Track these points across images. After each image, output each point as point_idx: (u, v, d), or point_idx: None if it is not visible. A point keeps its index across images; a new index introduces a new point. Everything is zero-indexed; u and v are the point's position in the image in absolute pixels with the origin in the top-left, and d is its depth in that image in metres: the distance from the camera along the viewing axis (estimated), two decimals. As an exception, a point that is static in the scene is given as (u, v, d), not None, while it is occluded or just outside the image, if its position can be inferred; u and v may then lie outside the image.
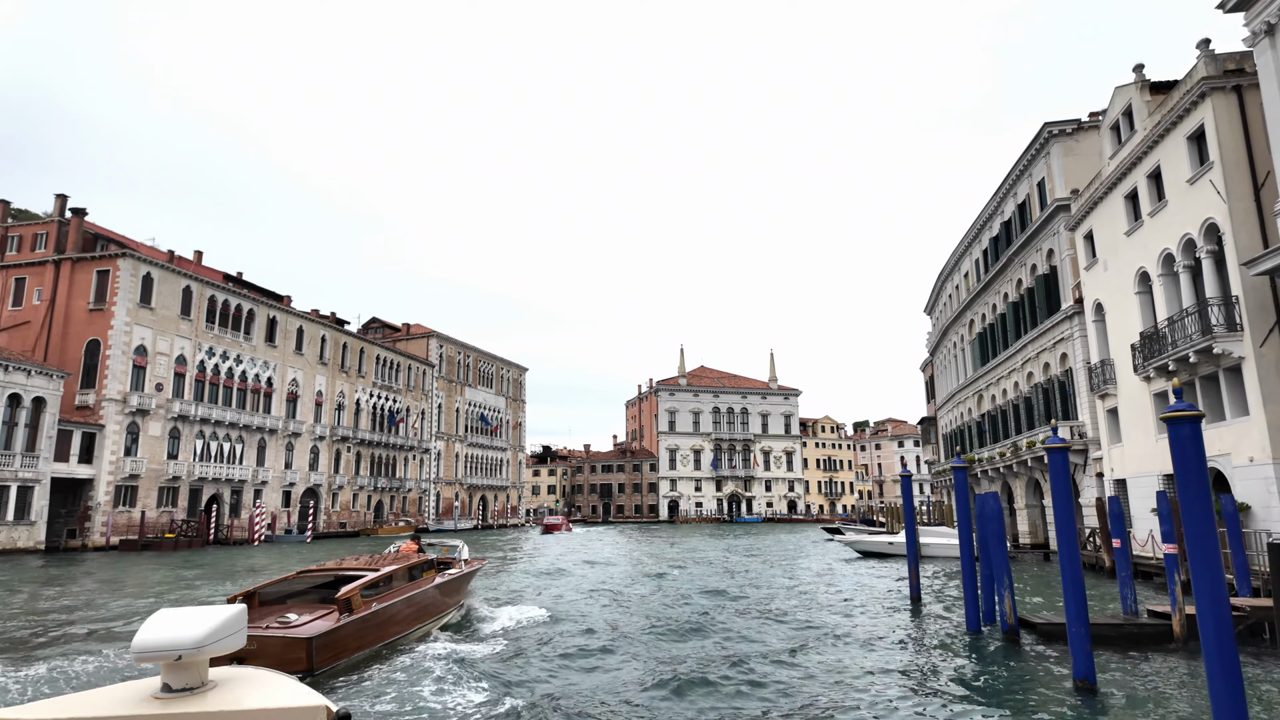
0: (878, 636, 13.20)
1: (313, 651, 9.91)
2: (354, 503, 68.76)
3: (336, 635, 10.49)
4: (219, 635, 3.50)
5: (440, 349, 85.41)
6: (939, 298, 54.92)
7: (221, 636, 3.51)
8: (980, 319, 42.81)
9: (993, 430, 41.27)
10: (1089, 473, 28.87)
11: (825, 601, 18.21)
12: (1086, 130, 30.57)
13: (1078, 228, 28.45)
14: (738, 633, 13.83)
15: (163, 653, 3.35)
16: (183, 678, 3.40)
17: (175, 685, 3.38)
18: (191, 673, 3.42)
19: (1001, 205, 38.01)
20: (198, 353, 52.89)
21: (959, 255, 46.67)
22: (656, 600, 18.86)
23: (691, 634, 13.97)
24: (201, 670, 3.47)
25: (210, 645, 3.44)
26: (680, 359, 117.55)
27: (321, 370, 65.66)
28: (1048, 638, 12.61)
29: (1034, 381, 34.60)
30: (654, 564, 31.89)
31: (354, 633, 10.97)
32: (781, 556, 36.21)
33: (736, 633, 13.82)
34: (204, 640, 3.41)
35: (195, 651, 3.38)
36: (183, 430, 51.01)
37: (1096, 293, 27.07)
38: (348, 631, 10.78)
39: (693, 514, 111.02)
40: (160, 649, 3.35)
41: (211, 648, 3.44)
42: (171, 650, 3.34)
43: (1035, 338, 33.74)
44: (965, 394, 47.08)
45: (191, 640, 3.38)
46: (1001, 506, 13.71)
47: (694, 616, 16.02)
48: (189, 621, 3.51)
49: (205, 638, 3.42)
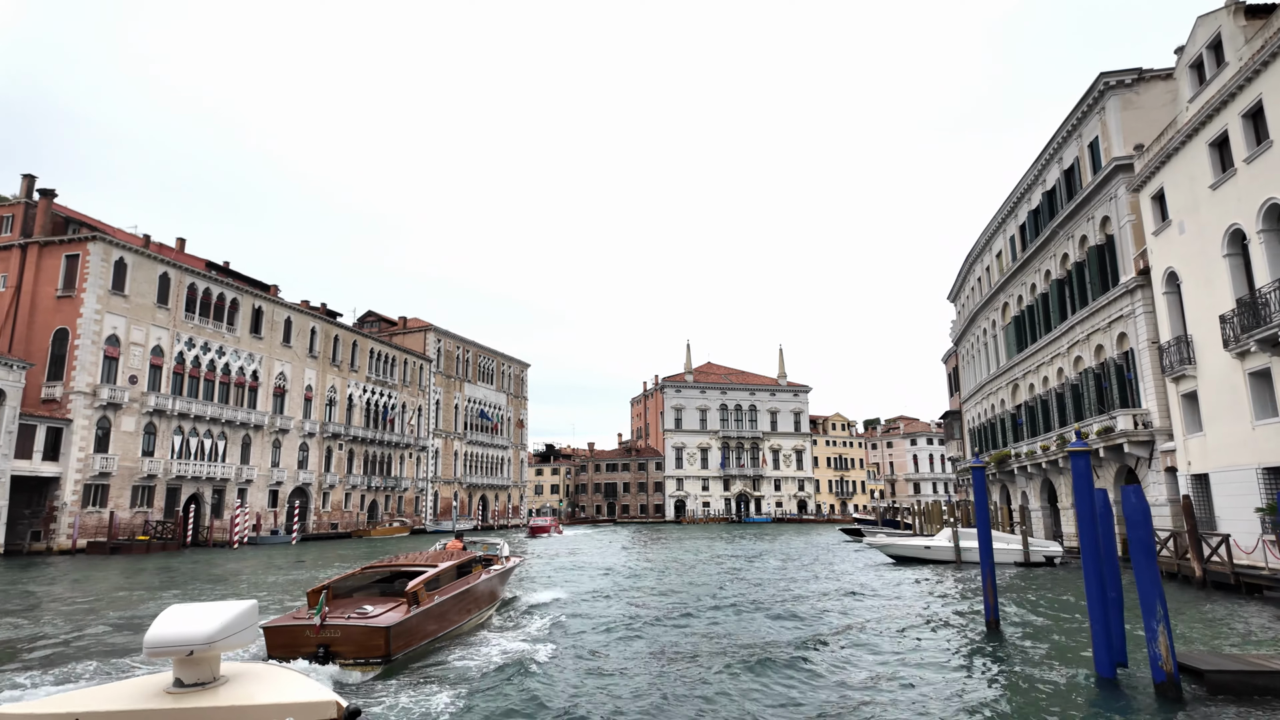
0: (970, 691, 9.58)
1: (390, 639, 10.79)
2: (346, 503, 65.60)
3: (407, 625, 11.37)
4: (230, 631, 3.64)
5: (438, 343, 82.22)
6: (965, 283, 51.44)
7: (232, 632, 3.65)
8: (1016, 301, 39.34)
9: (1031, 423, 37.82)
10: (1156, 467, 25.45)
11: (875, 623, 14.78)
12: (1150, 81, 27.14)
13: (1143, 188, 25.02)
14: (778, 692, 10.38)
15: (175, 648, 3.53)
16: (194, 673, 3.60)
17: (187, 680, 3.59)
18: (203, 668, 3.62)
19: (1043, 174, 34.55)
20: (176, 343, 49.77)
21: (990, 234, 43.19)
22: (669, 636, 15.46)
23: (723, 664, 10.67)
24: (213, 665, 3.66)
25: (221, 641, 3.60)
26: (687, 355, 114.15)
27: (311, 364, 62.51)
28: (1224, 691, 8.88)
29: (1083, 367, 31.17)
30: (657, 576, 28.53)
31: (421, 623, 11.93)
32: (807, 563, 32.83)
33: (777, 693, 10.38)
34: (215, 636, 3.58)
35: (206, 647, 3.55)
36: (159, 426, 47.89)
37: (1169, 260, 23.63)
38: (416, 622, 11.70)
39: (700, 514, 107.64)
40: (172, 644, 3.53)
41: (222, 643, 3.61)
42: (183, 646, 3.52)
43: (1085, 317, 30.31)
44: (996, 385, 43.62)
45: (203, 636, 3.56)
46: (1110, 503, 10.36)
47: (730, 647, 12.70)
48: (200, 617, 3.65)
49: (216, 633, 3.59)
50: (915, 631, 13.72)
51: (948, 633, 13.54)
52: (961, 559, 28.87)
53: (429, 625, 12.31)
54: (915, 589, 21.72)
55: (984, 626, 13.54)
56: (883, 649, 12.24)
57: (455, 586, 13.80)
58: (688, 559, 34.95)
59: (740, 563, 32.13)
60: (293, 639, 10.66)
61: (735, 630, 14.20)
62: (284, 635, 10.74)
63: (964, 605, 17.40)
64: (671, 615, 16.31)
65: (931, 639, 13.02)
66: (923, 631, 13.74)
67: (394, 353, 74.18)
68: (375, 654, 10.68)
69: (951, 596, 19.66)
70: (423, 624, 12.04)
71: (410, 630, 11.53)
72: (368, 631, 10.74)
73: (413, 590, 12.01)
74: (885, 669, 10.81)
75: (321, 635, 10.57)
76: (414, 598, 11.96)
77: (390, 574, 14.06)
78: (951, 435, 56.80)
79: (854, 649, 12.35)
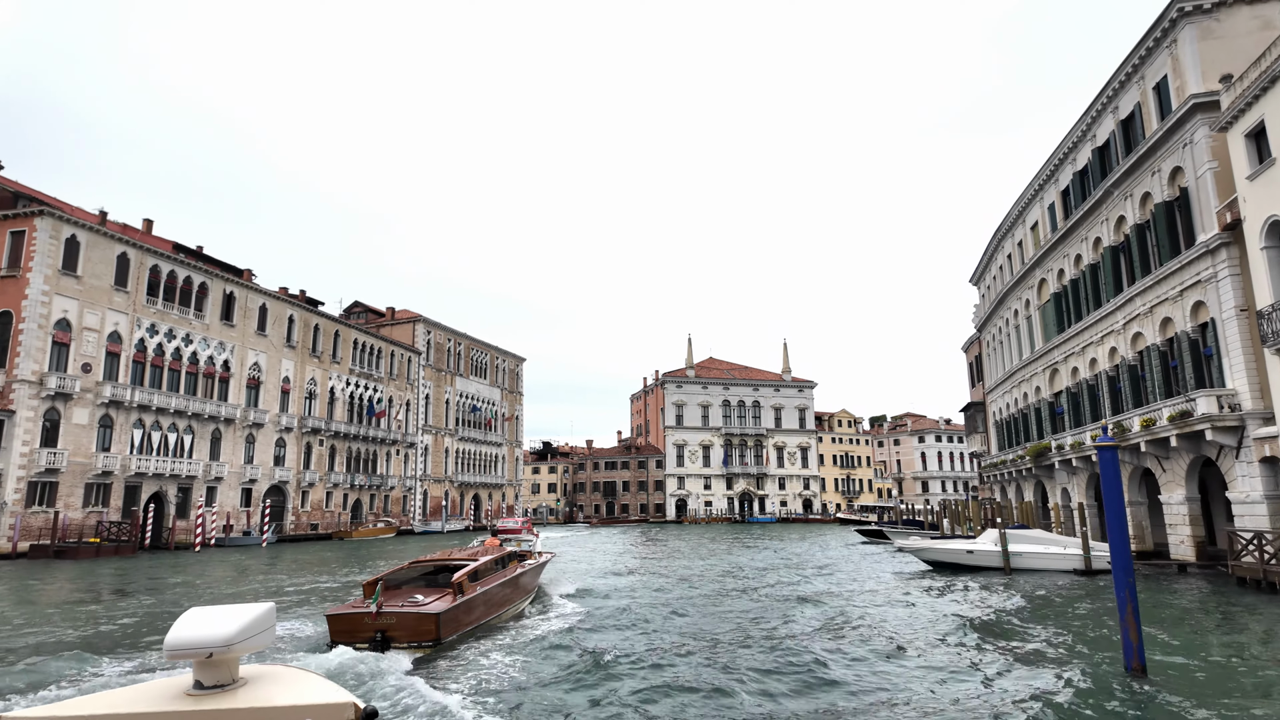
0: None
1: (440, 624, 12.11)
2: (327, 501, 61.73)
3: (454, 612, 12.72)
4: (249, 633, 3.61)
5: (428, 335, 78.31)
6: (991, 262, 47.54)
7: (251, 634, 3.63)
8: (1056, 277, 35.45)
9: (1074, 411, 33.95)
10: (1247, 458, 21.57)
11: (961, 674, 10.75)
12: (1233, 5, 23.25)
13: (1233, 125, 21.16)
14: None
15: (194, 650, 3.49)
16: (214, 675, 3.55)
17: (207, 682, 3.54)
18: (222, 670, 3.57)
19: (1092, 129, 30.66)
20: (136, 330, 45.91)
21: (1024, 205, 39.29)
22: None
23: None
24: (232, 667, 3.63)
25: (240, 643, 3.55)
26: (688, 349, 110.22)
27: (289, 354, 58.63)
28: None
29: (1143, 345, 27.31)
30: (653, 594, 24.62)
31: (466, 611, 13.32)
32: (830, 571, 28.95)
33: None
34: (234, 638, 3.52)
35: (225, 650, 3.50)
36: (116, 418, 44.04)
37: (1271, 207, 19.75)
38: (462, 609, 13.09)
39: (702, 514, 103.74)
40: (191, 647, 3.49)
41: (241, 646, 3.56)
42: (202, 648, 3.48)
43: (1149, 287, 26.46)
44: (1030, 370, 39.73)
45: (222, 638, 3.50)
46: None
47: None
48: (220, 620, 3.63)
49: (235, 636, 3.53)
50: (1037, 680, 9.72)
51: (1078, 690, 9.31)
52: (1011, 566, 24.95)
53: (473, 612, 13.65)
54: (973, 607, 17.82)
55: (1126, 674, 9.58)
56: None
57: (495, 578, 15.18)
58: (686, 567, 31.04)
59: (751, 574, 28.23)
60: (353, 625, 11.87)
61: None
62: (345, 622, 11.94)
63: (1067, 637, 13.44)
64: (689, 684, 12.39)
65: (1067, 694, 9.00)
66: (1045, 678, 9.75)
67: (380, 344, 70.31)
68: (427, 638, 11.96)
69: (1033, 622, 15.73)
70: (467, 611, 13.37)
71: (457, 617, 12.83)
72: (420, 617, 11.98)
73: (458, 581, 13.28)
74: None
75: (378, 622, 11.75)
76: (459, 588, 13.23)
77: (436, 568, 15.26)
78: (974, 429, 52.88)
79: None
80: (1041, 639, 13.22)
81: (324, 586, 23.73)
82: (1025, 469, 38.46)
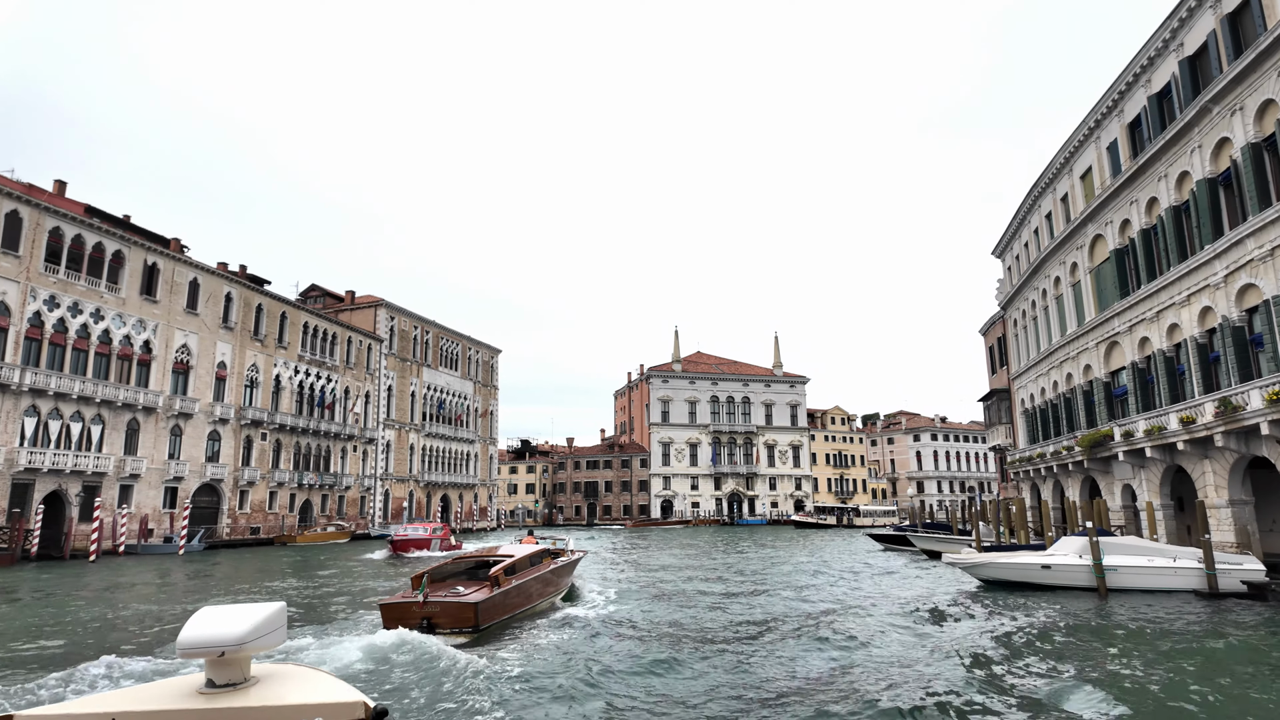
0: None
1: (478, 613, 13.44)
2: (272, 502, 54.96)
3: (492, 602, 14.08)
4: (260, 633, 3.65)
5: (391, 321, 71.60)
6: (1022, 227, 41.75)
7: (263, 634, 3.67)
8: (1117, 231, 29.62)
9: (1143, 392, 28.15)
10: None
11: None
12: None
13: None
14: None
15: (206, 649, 3.54)
16: (226, 673, 3.62)
17: (219, 681, 3.61)
18: (234, 669, 3.63)
19: (1179, 34, 24.82)
20: (31, 301, 39.12)
21: (1070, 152, 33.47)
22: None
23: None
24: (244, 666, 3.68)
25: (252, 643, 3.60)
26: (674, 343, 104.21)
27: (226, 336, 51.82)
28: None
29: (1258, 299, 21.48)
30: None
31: (503, 601, 14.63)
32: (862, 605, 22.89)
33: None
34: (245, 638, 3.58)
35: (237, 649, 3.56)
36: (4, 404, 37.26)
37: None
38: (499, 600, 14.42)
39: (689, 515, 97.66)
40: (204, 646, 3.54)
41: (253, 645, 3.61)
42: (214, 647, 3.53)
43: (1240, 239, 20.63)
44: (1077, 348, 33.93)
45: (233, 638, 3.56)
46: None
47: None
48: (231, 619, 3.67)
49: (247, 635, 3.59)
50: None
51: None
52: (1108, 586, 18.88)
53: (509, 603, 15.03)
54: (1080, 653, 11.77)
55: None
56: None
57: (530, 573, 16.59)
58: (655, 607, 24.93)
59: (741, 604, 22.13)
60: (402, 613, 13.32)
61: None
62: (395, 610, 13.40)
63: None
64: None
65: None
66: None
67: (335, 329, 63.59)
68: (467, 625, 13.40)
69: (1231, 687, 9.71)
70: (504, 601, 14.74)
71: (494, 606, 14.22)
72: (461, 606, 13.46)
73: (495, 574, 14.82)
74: None
75: (424, 610, 13.30)
76: (496, 581, 14.70)
77: (477, 563, 16.75)
78: (997, 420, 47.07)
79: None
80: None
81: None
82: (1072, 463, 32.60)
